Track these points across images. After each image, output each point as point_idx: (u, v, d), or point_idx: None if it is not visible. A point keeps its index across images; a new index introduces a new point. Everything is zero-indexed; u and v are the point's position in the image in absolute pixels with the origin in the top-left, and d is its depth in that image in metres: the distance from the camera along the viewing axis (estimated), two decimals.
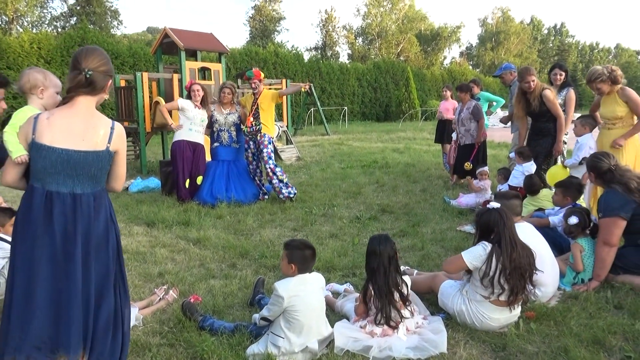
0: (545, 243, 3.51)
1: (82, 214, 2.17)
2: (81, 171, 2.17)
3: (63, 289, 2.12)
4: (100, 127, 2.22)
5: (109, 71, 2.29)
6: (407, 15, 52.23)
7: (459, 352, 2.77)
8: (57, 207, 2.13)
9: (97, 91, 2.25)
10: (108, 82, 2.30)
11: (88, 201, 2.19)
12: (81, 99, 2.22)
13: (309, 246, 2.88)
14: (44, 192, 2.14)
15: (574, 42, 72.17)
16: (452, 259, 3.13)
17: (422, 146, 13.67)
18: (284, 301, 2.68)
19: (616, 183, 3.68)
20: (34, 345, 2.10)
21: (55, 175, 2.14)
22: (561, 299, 3.47)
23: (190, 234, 5.14)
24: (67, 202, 2.15)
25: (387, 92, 31.10)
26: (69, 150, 2.14)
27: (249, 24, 49.55)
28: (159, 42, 10.24)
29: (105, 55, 2.29)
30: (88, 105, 2.24)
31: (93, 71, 2.19)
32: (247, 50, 24.82)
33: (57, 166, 2.13)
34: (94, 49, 2.28)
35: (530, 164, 5.67)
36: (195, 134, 6.65)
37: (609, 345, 2.80)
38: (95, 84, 2.22)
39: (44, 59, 17.26)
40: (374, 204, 6.56)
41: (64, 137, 2.14)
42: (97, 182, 2.25)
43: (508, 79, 7.01)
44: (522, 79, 5.63)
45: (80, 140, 2.16)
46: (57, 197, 2.14)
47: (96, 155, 2.19)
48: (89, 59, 2.20)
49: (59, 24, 36.60)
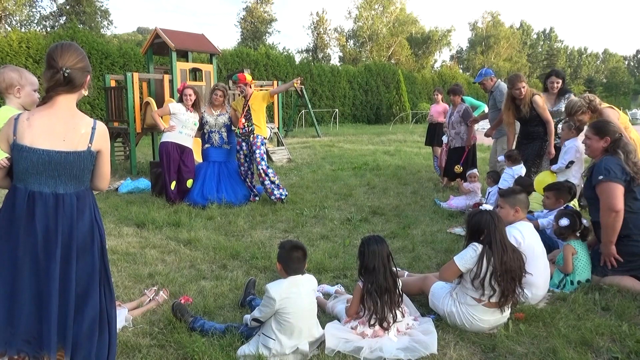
0: (542, 245, 3.55)
1: (64, 214, 2.16)
2: (63, 171, 2.15)
3: (44, 288, 2.13)
4: (81, 126, 2.19)
5: (86, 67, 2.25)
6: (398, 18, 52.47)
7: (449, 353, 2.79)
8: (40, 207, 2.12)
9: (76, 88, 2.22)
10: (87, 78, 2.26)
11: (71, 201, 2.18)
12: (61, 98, 2.18)
13: (297, 247, 2.86)
14: (26, 192, 2.13)
15: (562, 47, 72.99)
16: (446, 267, 3.11)
17: (412, 149, 13.73)
18: (275, 303, 2.68)
19: (621, 150, 3.69)
20: (24, 339, 2.12)
21: (37, 176, 2.13)
22: (550, 301, 3.50)
23: (180, 235, 5.12)
24: (49, 202, 2.14)
25: (378, 94, 31.20)
26: (50, 151, 2.12)
27: (240, 25, 49.46)
28: (150, 43, 10.19)
29: (81, 51, 2.24)
30: (68, 104, 2.20)
31: (70, 69, 2.15)
32: (238, 51, 24.77)
33: (38, 167, 2.12)
34: (69, 44, 2.22)
35: (520, 167, 5.72)
36: (185, 137, 6.61)
37: (597, 346, 2.83)
38: (73, 82, 2.18)
39: (32, 59, 17.10)
40: (365, 205, 6.58)
41: (44, 138, 2.12)
42: (80, 182, 2.23)
43: (489, 84, 6.92)
44: (513, 85, 5.66)
45: (61, 141, 2.14)
46: (39, 198, 2.13)
47: (77, 155, 2.17)
48: (65, 57, 2.15)
49: (48, 24, 36.31)
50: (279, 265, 2.85)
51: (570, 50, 75.49)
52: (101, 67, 18.56)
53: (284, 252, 2.85)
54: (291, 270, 2.82)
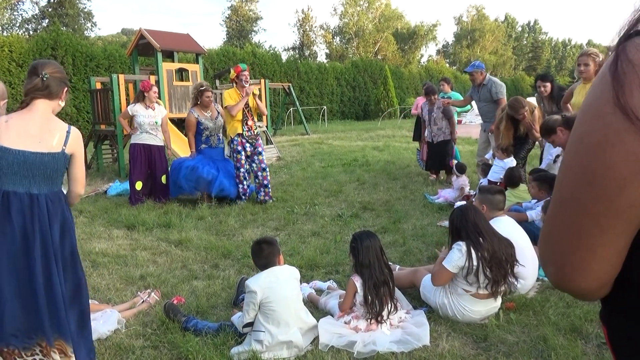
0: (526, 236, 3.59)
1: (40, 213, 2.26)
2: (37, 172, 2.26)
3: (26, 285, 2.23)
4: (56, 130, 2.32)
5: (63, 79, 2.42)
6: (384, 14, 52.55)
7: (442, 344, 2.82)
8: (15, 206, 2.22)
9: (52, 96, 2.35)
10: (64, 89, 2.41)
11: (45, 202, 2.29)
12: (39, 102, 2.31)
13: (259, 241, 2.96)
14: (1, 192, 2.23)
15: (547, 39, 73.46)
16: (438, 274, 3.08)
17: (401, 144, 13.77)
18: (257, 295, 2.72)
19: None
20: (11, 334, 2.23)
21: (12, 176, 2.23)
22: (539, 290, 3.55)
23: (171, 236, 5.11)
24: (24, 201, 2.24)
25: (365, 90, 31.23)
26: (25, 152, 2.22)
27: (226, 24, 49.25)
28: (135, 44, 10.13)
29: (60, 67, 2.44)
30: (45, 110, 2.33)
31: (49, 75, 2.32)
32: (224, 50, 24.66)
33: (13, 167, 2.21)
34: (50, 60, 2.48)
35: (510, 160, 5.76)
36: (147, 135, 6.57)
37: (586, 333, 2.88)
38: (50, 88, 2.32)
39: (15, 62, 16.88)
40: (355, 201, 6.60)
41: (20, 139, 2.23)
42: (53, 183, 2.34)
43: (478, 78, 6.86)
44: (516, 111, 5.54)
45: (37, 142, 2.26)
46: (14, 197, 2.23)
47: (52, 157, 2.28)
48: (45, 67, 2.35)
49: (30, 27, 35.79)
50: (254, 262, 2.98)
51: (555, 42, 76.04)
52: (86, 70, 18.39)
53: (252, 248, 2.97)
54: (261, 265, 2.89)
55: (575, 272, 0.70)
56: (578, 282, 0.70)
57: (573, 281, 0.71)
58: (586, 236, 0.67)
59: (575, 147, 0.68)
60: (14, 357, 2.26)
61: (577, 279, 0.70)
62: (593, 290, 0.71)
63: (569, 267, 0.70)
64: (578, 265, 0.69)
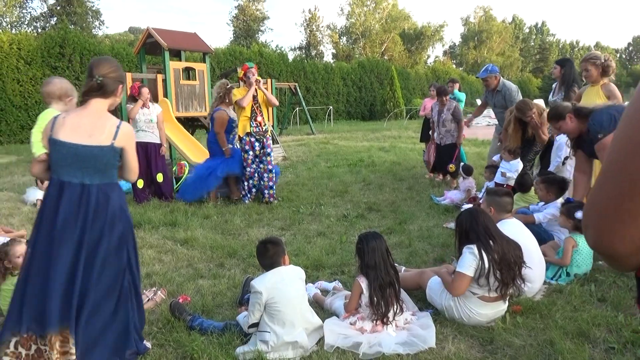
0: (533, 239, 3.56)
1: (87, 205, 2.43)
2: (88, 164, 2.45)
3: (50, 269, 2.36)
4: (106, 126, 2.52)
5: (118, 77, 2.59)
6: (391, 14, 52.44)
7: (448, 346, 2.80)
8: (66, 196, 2.42)
9: (108, 94, 2.56)
10: (119, 86, 2.60)
11: (97, 191, 2.47)
12: (93, 101, 2.54)
13: (265, 241, 2.95)
14: (58, 181, 2.46)
15: (554, 41, 73.16)
16: (456, 282, 3.00)
17: (407, 144, 13.75)
18: (262, 295, 2.71)
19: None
20: (32, 316, 2.37)
21: (67, 167, 2.44)
22: (546, 293, 3.53)
23: (177, 235, 5.12)
24: (76, 191, 2.43)
25: (371, 91, 31.19)
26: (77, 145, 2.44)
27: (233, 23, 49.27)
28: (142, 42, 10.15)
29: (115, 64, 2.62)
30: (99, 107, 2.55)
31: (104, 77, 2.51)
32: (231, 50, 24.68)
33: (67, 158, 2.43)
34: (106, 58, 2.63)
35: (517, 161, 5.73)
36: (142, 133, 6.57)
37: (594, 337, 2.86)
38: (105, 88, 2.53)
39: (24, 60, 16.98)
40: (361, 202, 6.59)
41: (73, 134, 2.45)
42: (104, 175, 2.52)
43: (492, 82, 6.65)
44: (524, 114, 5.50)
45: (88, 137, 2.46)
46: (68, 187, 2.44)
47: (100, 149, 2.47)
48: (100, 67, 2.52)
49: (39, 25, 35.97)
50: (259, 262, 2.98)
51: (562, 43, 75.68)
52: None
53: (257, 248, 2.97)
54: (267, 265, 2.88)
55: (613, 235, 0.78)
56: (616, 245, 0.78)
57: (611, 243, 0.79)
58: (628, 202, 0.75)
59: (627, 121, 0.78)
60: (30, 343, 2.37)
61: (614, 242, 0.78)
62: (628, 254, 0.78)
63: (609, 230, 0.78)
64: (618, 229, 0.77)
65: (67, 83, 3.46)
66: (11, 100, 16.58)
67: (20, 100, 16.86)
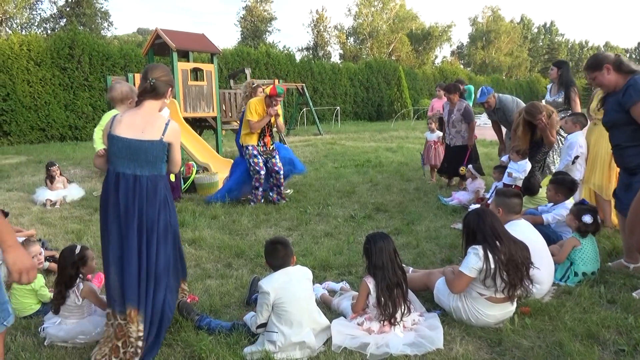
0: (542, 239, 3.54)
1: (140, 193, 2.72)
2: (140, 156, 2.73)
3: (125, 251, 2.68)
4: (156, 123, 2.80)
5: (169, 81, 2.91)
6: (398, 14, 52.40)
7: (455, 348, 2.79)
8: (122, 185, 2.71)
9: (159, 96, 2.88)
10: (168, 89, 2.91)
11: (147, 182, 2.75)
12: (147, 102, 2.85)
13: (275, 242, 2.95)
14: (114, 173, 2.75)
15: (563, 41, 72.74)
16: (456, 280, 3.03)
17: (414, 145, 13.71)
18: (269, 296, 2.72)
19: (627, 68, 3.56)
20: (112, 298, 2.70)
21: (122, 160, 2.73)
22: (555, 294, 3.51)
23: (185, 235, 5.13)
24: (130, 181, 2.72)
25: (379, 91, 31.16)
26: (131, 140, 2.72)
27: (240, 24, 49.46)
28: (151, 43, 10.21)
29: (167, 70, 2.95)
30: (151, 107, 2.85)
31: (156, 80, 2.82)
32: (238, 50, 24.75)
33: (122, 152, 2.72)
34: (158, 64, 2.98)
35: (525, 162, 5.69)
36: None
37: (603, 339, 2.84)
38: (157, 90, 2.84)
39: (34, 61, 17.11)
40: (368, 202, 6.58)
41: (128, 130, 2.74)
42: (154, 167, 2.78)
43: (492, 102, 6.76)
44: (534, 117, 5.47)
45: (140, 132, 2.75)
46: (122, 177, 2.73)
47: (150, 144, 2.75)
48: (154, 71, 2.85)
49: (48, 26, 36.30)
50: (267, 263, 2.98)
51: (572, 43, 75.22)
52: (102, 69, 18.57)
53: (266, 248, 2.96)
54: (277, 266, 2.89)
55: None
56: None
57: None
58: None
59: None
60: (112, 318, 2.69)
61: None
62: None
63: None
64: None
65: (127, 87, 3.92)
66: (21, 101, 16.71)
67: (30, 101, 17.00)
